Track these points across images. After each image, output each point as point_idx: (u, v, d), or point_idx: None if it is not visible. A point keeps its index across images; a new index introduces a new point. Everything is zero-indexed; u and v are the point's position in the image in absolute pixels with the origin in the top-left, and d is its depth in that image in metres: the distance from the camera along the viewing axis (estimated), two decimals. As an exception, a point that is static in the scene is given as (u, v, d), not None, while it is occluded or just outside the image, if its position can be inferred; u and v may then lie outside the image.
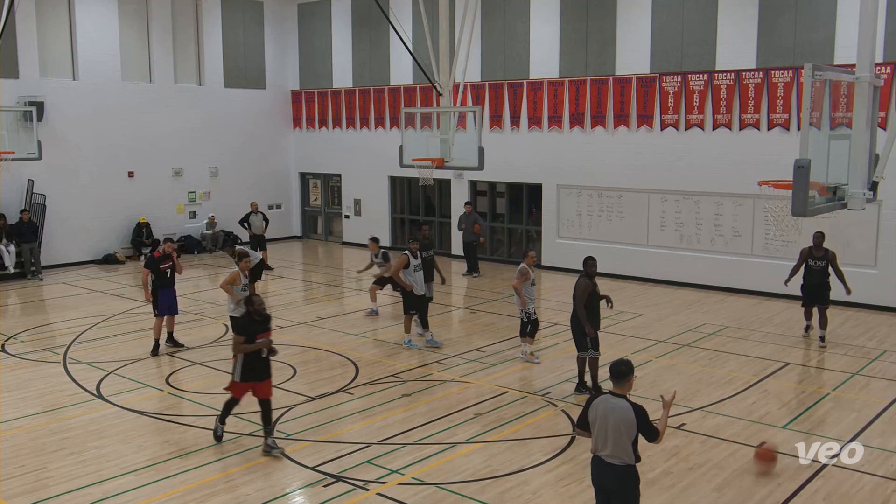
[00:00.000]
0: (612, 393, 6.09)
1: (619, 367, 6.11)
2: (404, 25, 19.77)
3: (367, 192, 24.30)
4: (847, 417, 9.91)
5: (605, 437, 5.98)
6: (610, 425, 5.94)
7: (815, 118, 7.40)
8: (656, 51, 17.94)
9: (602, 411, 6.02)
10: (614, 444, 5.95)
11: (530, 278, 11.90)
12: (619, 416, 5.93)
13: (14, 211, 19.82)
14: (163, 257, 12.93)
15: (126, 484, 8.08)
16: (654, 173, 18.13)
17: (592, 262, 10.74)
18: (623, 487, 6.05)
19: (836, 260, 13.18)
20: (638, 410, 5.94)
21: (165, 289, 12.86)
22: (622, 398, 6.01)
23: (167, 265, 12.92)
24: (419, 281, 13.03)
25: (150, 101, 22.38)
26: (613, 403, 6.00)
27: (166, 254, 12.96)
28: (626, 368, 6.08)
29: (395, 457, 8.70)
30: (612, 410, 5.96)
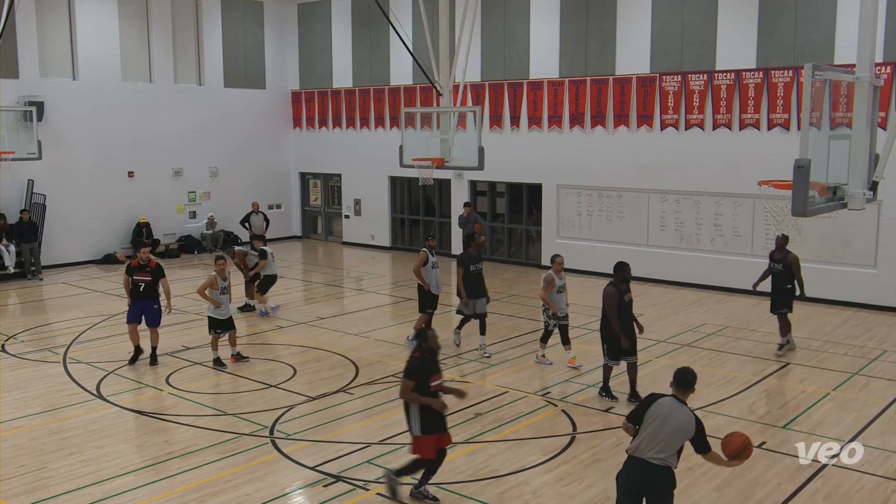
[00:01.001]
0: (678, 398, 6.10)
1: (686, 376, 6.14)
2: (404, 25, 19.77)
3: (367, 192, 24.30)
4: (847, 417, 9.91)
5: (658, 438, 5.95)
6: (668, 429, 5.94)
7: (815, 118, 7.40)
8: (656, 51, 17.94)
9: (665, 413, 5.99)
10: (664, 447, 5.94)
11: (555, 286, 11.55)
12: (681, 423, 5.96)
13: (14, 211, 19.82)
14: (139, 267, 12.05)
15: (126, 484, 8.08)
16: (654, 173, 18.13)
17: (621, 268, 10.15)
18: (660, 487, 6.03)
19: (798, 265, 12.41)
20: (699, 424, 6.01)
21: (137, 300, 12.06)
22: (686, 406, 6.05)
23: (141, 278, 12.01)
24: (435, 279, 12.83)
25: (150, 101, 22.37)
26: (678, 408, 6.02)
27: (142, 263, 12.02)
28: (693, 378, 6.13)
29: (395, 457, 8.70)
30: (676, 415, 5.97)
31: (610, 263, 18.64)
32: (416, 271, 12.78)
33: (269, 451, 8.91)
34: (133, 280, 12.05)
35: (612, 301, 10.00)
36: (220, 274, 12.08)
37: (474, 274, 12.36)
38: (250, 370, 11.98)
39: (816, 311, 15.54)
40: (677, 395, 6.10)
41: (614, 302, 9.99)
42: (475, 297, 12.37)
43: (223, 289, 12.12)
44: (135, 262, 12.14)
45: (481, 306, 12.50)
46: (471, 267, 12.32)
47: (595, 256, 19.25)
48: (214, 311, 12.11)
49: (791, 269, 12.41)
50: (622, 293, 10.07)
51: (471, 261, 12.38)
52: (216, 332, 12.15)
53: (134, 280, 12.04)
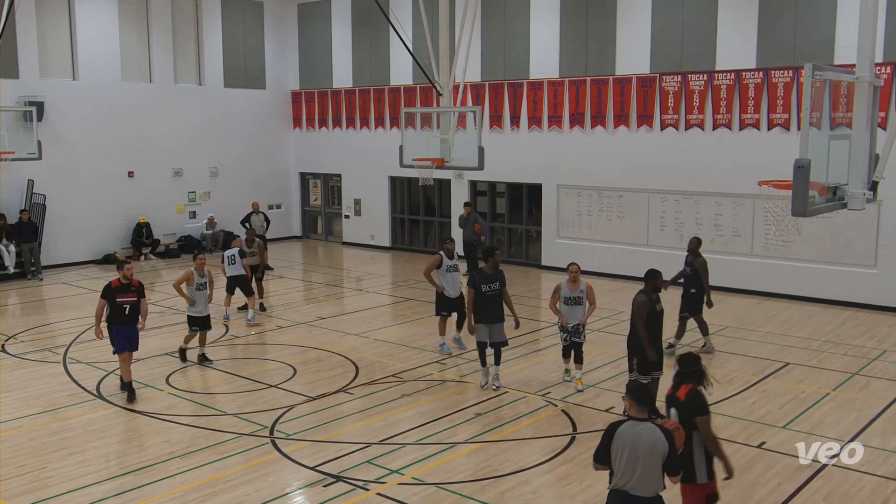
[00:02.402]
0: (634, 418, 5.56)
1: (642, 393, 5.64)
2: (404, 25, 19.77)
3: (367, 192, 24.30)
4: (847, 417, 9.91)
5: (634, 468, 5.43)
6: (641, 454, 5.42)
7: (815, 118, 7.40)
8: (656, 51, 17.94)
9: (630, 440, 5.45)
10: (644, 475, 5.44)
11: (561, 296, 10.88)
12: (650, 443, 5.42)
13: (14, 211, 19.82)
14: (122, 287, 10.49)
15: (126, 484, 8.08)
16: (654, 173, 18.13)
17: (652, 276, 9.39)
18: None
19: (706, 271, 12.24)
20: (668, 435, 5.48)
21: (123, 325, 10.50)
22: (647, 422, 5.52)
23: (126, 299, 10.46)
24: (451, 282, 12.66)
25: (150, 101, 22.37)
26: (642, 428, 5.46)
27: (126, 283, 10.52)
28: (650, 394, 5.80)
29: (395, 457, 8.70)
30: (643, 436, 5.43)
31: (610, 263, 18.99)
32: (426, 274, 12.64)
33: (269, 451, 8.91)
34: (116, 303, 10.42)
35: (642, 311, 9.20)
36: (197, 270, 12.07)
37: (488, 296, 10.71)
38: (250, 370, 11.98)
39: (816, 311, 15.56)
40: (634, 416, 5.55)
41: (644, 312, 9.19)
42: (488, 321, 10.74)
43: (199, 285, 12.07)
44: (115, 283, 10.51)
45: (498, 333, 10.81)
46: (482, 287, 10.69)
47: (595, 256, 19.26)
48: (190, 309, 12.11)
49: (698, 274, 12.23)
50: (653, 302, 9.28)
51: (483, 280, 10.72)
52: (192, 329, 12.15)
53: (117, 303, 10.41)
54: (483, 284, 10.69)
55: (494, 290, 10.75)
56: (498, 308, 10.80)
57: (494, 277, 10.80)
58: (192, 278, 12.00)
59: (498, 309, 10.80)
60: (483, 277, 10.76)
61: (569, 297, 10.90)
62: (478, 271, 10.98)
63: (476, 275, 10.80)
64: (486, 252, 11.13)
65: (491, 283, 10.74)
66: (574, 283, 10.86)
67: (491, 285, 10.73)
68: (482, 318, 10.71)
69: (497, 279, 10.81)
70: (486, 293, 10.71)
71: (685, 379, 6.22)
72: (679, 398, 6.13)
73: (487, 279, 10.76)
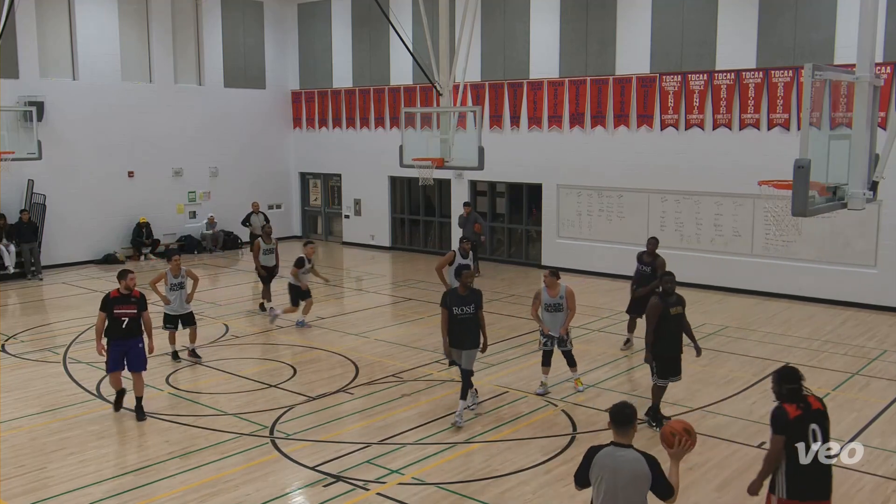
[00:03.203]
0: (616, 443, 5.17)
1: (624, 412, 5.18)
2: (404, 25, 19.77)
3: (367, 192, 24.30)
4: (847, 417, 9.91)
5: (615, 497, 5.07)
6: (621, 483, 5.05)
7: (815, 118, 7.39)
8: (656, 51, 17.94)
9: (609, 468, 5.09)
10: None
11: (541, 302, 10.68)
12: (632, 471, 5.04)
13: (14, 211, 19.83)
14: (121, 298, 9.72)
15: (126, 484, 8.08)
16: (654, 173, 18.13)
17: (666, 279, 9.44)
18: None
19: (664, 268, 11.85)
20: (652, 462, 5.08)
21: (119, 340, 9.67)
22: (630, 448, 5.12)
23: (125, 311, 9.66)
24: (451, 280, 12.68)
25: (150, 101, 22.38)
26: (622, 456, 5.09)
27: (126, 293, 9.74)
28: (632, 412, 5.19)
29: (395, 457, 8.70)
30: (622, 465, 5.07)
31: (610, 263, 19.00)
32: (438, 270, 12.70)
33: (269, 451, 8.91)
34: (114, 315, 9.64)
35: (653, 312, 9.23)
36: (172, 271, 12.25)
37: (461, 319, 9.61)
38: (250, 370, 11.98)
39: (816, 311, 15.56)
40: (617, 440, 5.16)
41: (655, 314, 9.20)
42: (460, 346, 9.67)
43: (173, 285, 12.25)
44: (114, 293, 9.72)
45: (466, 360, 9.69)
46: (454, 310, 9.60)
47: (595, 256, 19.28)
48: (166, 307, 12.31)
49: (657, 270, 12.13)
50: (667, 305, 9.24)
51: (456, 302, 9.64)
52: (167, 326, 12.29)
53: (115, 315, 9.63)
54: (455, 307, 9.60)
55: (468, 313, 9.61)
56: (472, 333, 9.70)
57: (469, 299, 9.65)
58: (166, 278, 12.10)
59: (472, 334, 9.70)
60: (455, 299, 9.66)
61: (549, 303, 10.62)
62: (451, 292, 9.86)
63: (448, 295, 9.79)
64: (457, 271, 9.98)
65: (464, 306, 9.61)
66: (553, 288, 10.58)
67: (464, 308, 9.60)
68: (454, 342, 9.69)
69: (472, 301, 9.65)
70: (458, 316, 9.60)
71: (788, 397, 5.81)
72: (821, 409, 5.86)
73: (460, 301, 9.64)
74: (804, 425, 5.72)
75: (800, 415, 5.72)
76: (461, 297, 9.67)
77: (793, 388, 5.83)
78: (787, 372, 5.93)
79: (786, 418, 5.72)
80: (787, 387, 5.84)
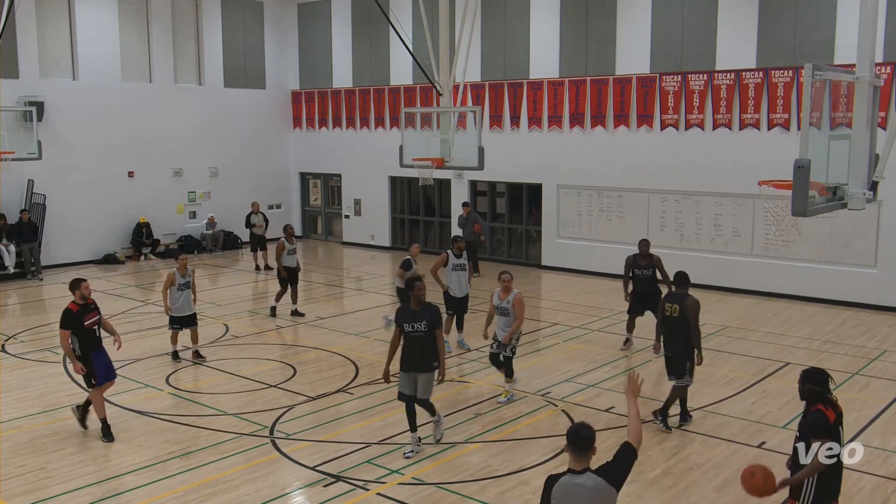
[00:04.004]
0: (573, 471, 4.71)
1: (581, 434, 4.73)
2: (404, 25, 19.77)
3: (367, 192, 24.30)
4: (847, 417, 9.75)
5: None
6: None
7: (815, 118, 7.39)
8: (656, 51, 17.94)
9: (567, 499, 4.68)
10: None
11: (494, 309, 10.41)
12: (593, 499, 4.65)
13: (14, 211, 19.83)
14: (84, 309, 9.16)
15: (126, 484, 8.09)
16: (654, 173, 18.13)
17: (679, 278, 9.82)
18: None
19: (662, 264, 12.66)
20: (610, 474, 4.72)
21: (99, 351, 9.33)
22: (587, 473, 4.69)
23: (93, 320, 9.22)
24: (456, 281, 12.72)
25: (150, 101, 22.38)
26: (579, 485, 4.66)
27: (83, 302, 9.17)
28: (590, 435, 4.75)
29: (395, 457, 8.70)
30: (581, 496, 4.65)
31: (610, 263, 19.00)
32: (432, 272, 12.71)
33: (269, 451, 8.91)
34: (86, 327, 9.12)
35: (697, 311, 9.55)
36: (180, 271, 12.16)
37: (413, 337, 8.62)
38: (250, 370, 11.98)
39: (816, 311, 15.56)
40: (573, 466, 4.72)
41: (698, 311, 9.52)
42: (412, 368, 8.69)
43: (181, 286, 12.17)
44: (74, 306, 9.11)
45: (423, 387, 8.73)
46: (405, 327, 8.65)
47: (595, 256, 19.28)
48: (173, 309, 12.23)
49: (658, 270, 12.62)
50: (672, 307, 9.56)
51: (407, 318, 8.67)
52: (174, 327, 12.24)
53: (87, 326, 9.13)
54: (406, 323, 8.63)
55: (420, 330, 8.59)
56: (426, 354, 8.65)
57: (421, 315, 8.62)
58: (174, 279, 12.06)
59: (426, 355, 8.65)
60: (406, 315, 8.68)
61: (497, 306, 10.34)
62: (402, 308, 8.91)
63: (399, 311, 8.86)
64: (408, 285, 8.86)
65: (416, 322, 8.59)
66: (505, 292, 10.29)
67: (415, 325, 8.59)
68: (405, 364, 8.72)
69: (424, 318, 8.61)
70: (409, 334, 8.65)
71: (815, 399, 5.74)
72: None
73: (412, 317, 8.63)
74: (838, 429, 5.70)
75: (836, 418, 5.71)
76: (413, 312, 8.67)
77: (819, 390, 5.76)
78: (813, 373, 5.85)
79: (828, 422, 5.66)
80: (814, 388, 5.76)
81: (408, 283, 8.87)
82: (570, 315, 15.47)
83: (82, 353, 9.14)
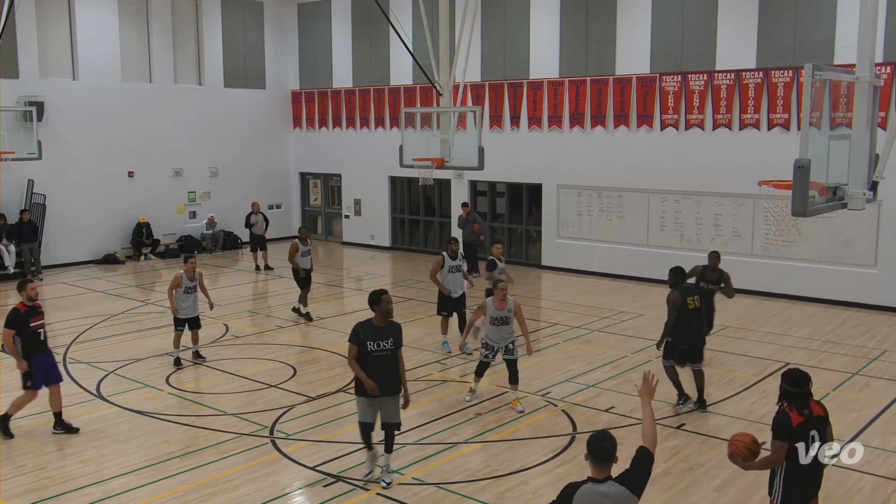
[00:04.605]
0: (594, 479, 4.69)
1: (603, 446, 4.70)
2: (404, 25, 19.77)
3: (367, 192, 24.30)
4: (847, 417, 9.91)
5: None
6: None
7: (815, 118, 7.39)
8: (656, 51, 17.94)
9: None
10: None
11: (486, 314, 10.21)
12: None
13: (14, 211, 19.82)
14: (31, 311, 9.19)
15: (126, 484, 8.08)
16: (654, 173, 18.13)
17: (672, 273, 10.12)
18: None
19: (731, 281, 11.76)
20: (631, 482, 4.72)
21: (42, 355, 9.29)
22: (608, 481, 4.68)
23: (39, 323, 9.25)
24: (453, 283, 12.73)
25: (150, 101, 22.38)
26: (602, 492, 4.64)
27: (30, 304, 9.22)
28: (612, 445, 4.71)
29: (396, 457, 8.69)
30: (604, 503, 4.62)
31: (610, 263, 19.01)
32: (432, 277, 12.71)
33: (269, 451, 8.91)
34: (31, 329, 9.13)
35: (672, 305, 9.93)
36: (187, 273, 12.09)
37: (377, 357, 7.71)
38: (250, 370, 11.98)
39: (816, 311, 15.56)
40: (594, 475, 4.69)
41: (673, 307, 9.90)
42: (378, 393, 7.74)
43: (188, 288, 12.13)
44: (22, 307, 9.16)
45: (390, 411, 7.94)
46: (369, 345, 7.69)
47: (595, 256, 19.28)
48: (181, 311, 12.17)
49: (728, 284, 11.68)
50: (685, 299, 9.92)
51: (370, 335, 7.73)
52: (177, 328, 12.19)
53: (32, 329, 9.13)
54: (370, 342, 7.68)
55: (386, 349, 7.73)
56: (392, 375, 7.83)
57: (387, 333, 7.77)
58: (181, 282, 12.03)
59: (392, 377, 7.83)
60: (370, 332, 7.75)
61: (496, 316, 10.13)
62: (363, 324, 7.83)
63: (361, 329, 7.77)
64: (374, 298, 7.87)
65: (381, 341, 7.71)
66: (502, 301, 10.13)
67: (381, 343, 7.71)
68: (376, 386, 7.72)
69: (390, 335, 7.78)
70: (373, 354, 7.69)
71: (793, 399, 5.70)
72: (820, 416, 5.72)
73: (377, 335, 7.74)
74: (806, 432, 5.61)
75: (802, 422, 5.61)
76: (378, 329, 7.76)
77: (798, 392, 5.70)
78: (792, 375, 5.81)
79: (790, 425, 5.59)
80: (793, 390, 5.71)
81: (373, 297, 7.83)
82: (570, 315, 15.47)
83: (24, 355, 9.15)
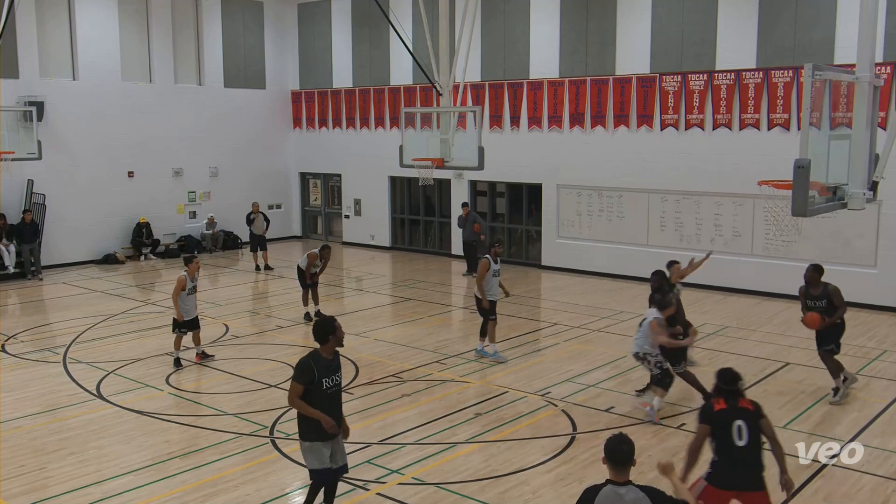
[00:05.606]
0: (614, 482, 4.76)
1: (620, 448, 4.78)
2: (404, 25, 19.77)
3: (367, 192, 24.30)
4: (847, 417, 9.91)
5: None
6: None
7: (815, 118, 7.41)
8: (656, 51, 17.94)
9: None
10: None
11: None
12: None
13: (14, 211, 19.82)
14: None
15: (126, 484, 8.08)
16: (654, 173, 18.13)
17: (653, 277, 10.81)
18: None
19: (840, 295, 10.61)
20: (655, 496, 4.77)
21: None
22: (630, 486, 4.75)
23: None
24: (491, 287, 12.15)
25: (150, 101, 22.38)
26: (623, 496, 4.69)
27: None
28: (630, 449, 4.80)
29: (395, 457, 8.70)
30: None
31: (610, 263, 19.00)
32: (478, 281, 12.09)
33: (269, 451, 8.91)
34: None
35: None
36: (190, 274, 12.07)
37: (331, 394, 6.76)
38: (250, 370, 11.98)
39: (816, 311, 15.52)
40: (614, 479, 4.76)
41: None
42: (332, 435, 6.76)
43: (191, 289, 12.12)
44: None
45: (340, 453, 6.98)
46: (324, 382, 6.66)
47: (595, 256, 19.28)
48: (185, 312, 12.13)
49: (833, 301, 10.50)
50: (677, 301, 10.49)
51: (324, 370, 6.69)
52: (180, 331, 12.15)
53: None
54: (326, 377, 6.68)
55: (337, 384, 6.86)
56: (340, 411, 6.92)
57: (336, 365, 6.82)
58: (185, 284, 12.00)
59: (340, 413, 6.92)
60: (323, 367, 6.69)
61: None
62: (314, 358, 6.71)
63: (314, 364, 6.65)
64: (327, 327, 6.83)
65: (333, 375, 6.77)
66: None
67: (335, 377, 6.79)
68: (324, 432, 6.66)
69: (339, 367, 6.88)
70: (328, 391, 6.71)
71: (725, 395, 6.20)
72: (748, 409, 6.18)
73: (328, 369, 6.72)
74: (727, 420, 6.05)
75: (724, 409, 6.10)
76: (328, 362, 6.75)
77: (728, 389, 6.18)
78: (725, 373, 6.26)
79: (710, 410, 6.15)
80: (722, 387, 6.21)
81: (327, 326, 6.82)
82: (570, 315, 15.47)
83: None
